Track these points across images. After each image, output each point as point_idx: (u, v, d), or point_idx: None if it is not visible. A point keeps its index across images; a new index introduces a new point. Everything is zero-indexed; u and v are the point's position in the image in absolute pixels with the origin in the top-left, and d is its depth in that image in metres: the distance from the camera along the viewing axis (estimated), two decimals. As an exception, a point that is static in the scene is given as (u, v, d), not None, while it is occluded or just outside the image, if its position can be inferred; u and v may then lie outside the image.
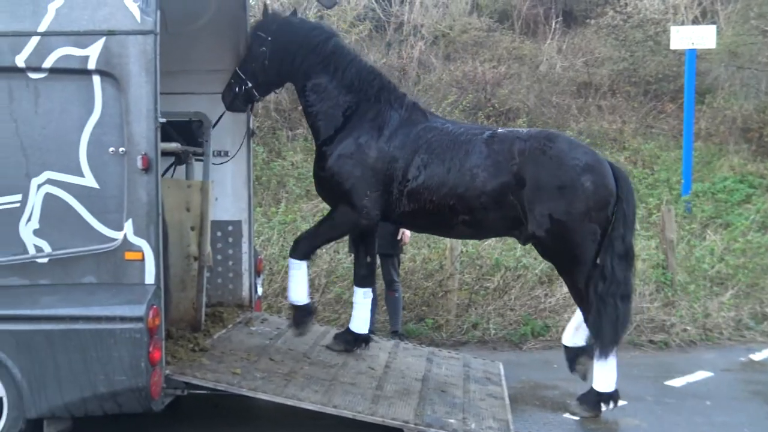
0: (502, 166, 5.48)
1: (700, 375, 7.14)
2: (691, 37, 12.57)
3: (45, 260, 4.93)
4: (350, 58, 5.96)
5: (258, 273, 7.07)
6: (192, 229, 6.08)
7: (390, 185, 5.69)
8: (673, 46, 12.96)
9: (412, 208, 5.70)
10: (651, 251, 9.67)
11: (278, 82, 6.13)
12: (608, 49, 17.26)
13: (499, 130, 5.76)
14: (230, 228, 6.93)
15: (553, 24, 18.26)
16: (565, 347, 6.12)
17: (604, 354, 5.57)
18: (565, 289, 8.81)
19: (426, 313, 8.57)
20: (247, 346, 5.98)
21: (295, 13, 6.14)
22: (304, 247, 6.05)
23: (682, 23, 16.00)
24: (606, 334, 5.56)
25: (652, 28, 16.92)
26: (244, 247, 6.92)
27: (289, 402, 5.05)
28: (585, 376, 5.96)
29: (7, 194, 4.95)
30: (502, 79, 16.22)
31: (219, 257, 6.91)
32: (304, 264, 6.04)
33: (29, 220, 4.94)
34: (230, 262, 6.96)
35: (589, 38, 17.97)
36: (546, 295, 8.88)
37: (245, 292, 6.97)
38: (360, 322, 6.37)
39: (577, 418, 5.89)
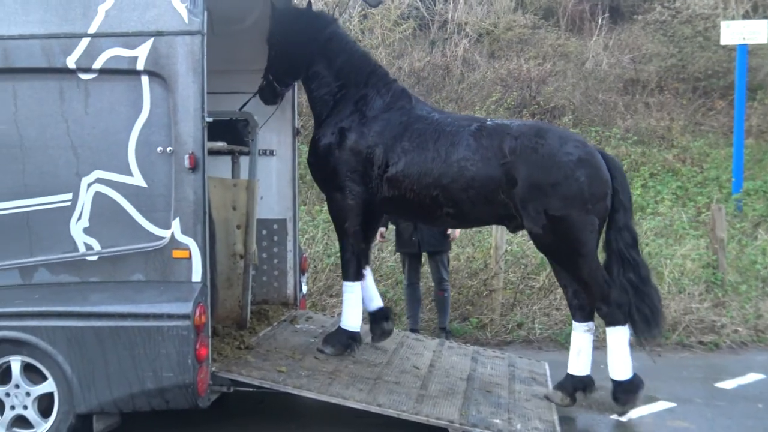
0: (492, 163, 5.40)
1: (752, 377, 6.97)
2: (742, 32, 12.29)
3: (95, 258, 5.02)
4: (344, 45, 6.05)
5: (303, 271, 7.10)
6: (238, 227, 6.14)
7: (370, 169, 5.70)
8: (723, 42, 12.68)
9: (392, 195, 5.68)
10: (701, 251, 9.49)
11: (292, 73, 6.17)
12: (656, 45, 16.98)
13: (488, 123, 5.64)
14: (275, 226, 6.98)
15: (600, 20, 18.02)
16: (569, 375, 5.89)
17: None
18: (612, 288, 8.76)
19: (470, 312, 8.53)
20: (292, 344, 6.02)
21: (310, 4, 6.14)
22: (344, 266, 6.07)
23: (733, 18, 15.67)
24: (642, 317, 5.62)
25: (701, 24, 16.60)
26: (289, 246, 6.97)
27: (334, 400, 5.06)
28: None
29: (58, 193, 5.05)
30: (547, 76, 16.07)
31: (264, 255, 6.96)
32: (355, 286, 6.03)
33: (79, 218, 5.03)
34: (275, 261, 7.01)
35: (636, 34, 17.71)
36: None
37: (290, 290, 7.01)
38: (368, 301, 6.39)
39: (624, 419, 5.81)
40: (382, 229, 7.22)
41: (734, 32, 12.33)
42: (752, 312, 8.47)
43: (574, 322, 5.83)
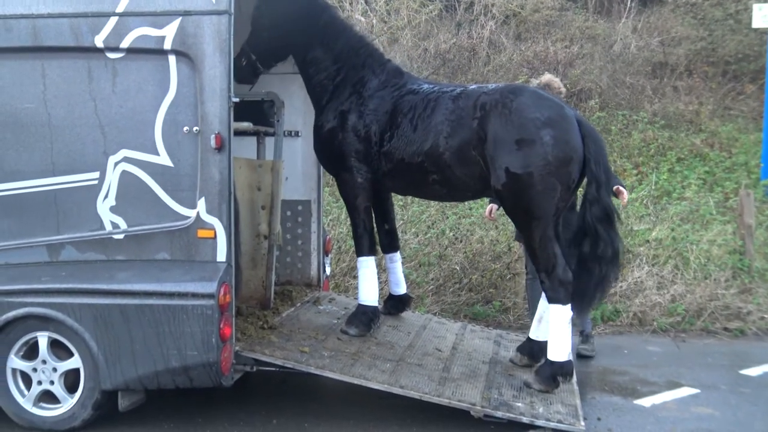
0: (464, 121, 5.37)
1: (778, 365, 6.90)
2: (775, 15, 12.10)
3: (121, 236, 5.06)
4: (341, 29, 6.08)
5: (326, 252, 7.13)
6: (262, 208, 6.15)
7: (369, 147, 5.77)
8: (755, 25, 12.47)
9: (389, 168, 5.74)
10: (728, 236, 9.38)
11: (280, 55, 6.19)
12: (685, 28, 16.72)
13: (470, 87, 5.62)
14: (300, 207, 7.00)
15: (629, 2, 17.78)
16: (528, 339, 5.91)
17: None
18: (637, 273, 8.71)
19: (493, 296, 8.51)
20: (315, 324, 6.04)
21: None
22: (357, 242, 6.14)
23: (765, 1, 15.39)
24: (586, 297, 5.40)
25: (732, 6, 16.31)
26: (313, 227, 6.99)
27: (356, 381, 5.08)
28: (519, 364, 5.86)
29: (85, 171, 5.09)
30: (574, 59, 15.89)
31: (288, 236, 6.99)
32: (369, 260, 6.10)
33: (106, 196, 5.07)
34: (299, 242, 7.03)
35: (665, 17, 17.44)
36: (616, 279, 8.70)
37: (314, 272, 7.05)
38: (394, 285, 6.60)
39: (648, 405, 5.78)
40: (493, 206, 6.85)
41: (767, 15, 12.12)
42: (779, 299, 8.38)
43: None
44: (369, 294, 6.11)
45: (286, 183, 6.83)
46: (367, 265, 6.11)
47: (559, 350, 5.34)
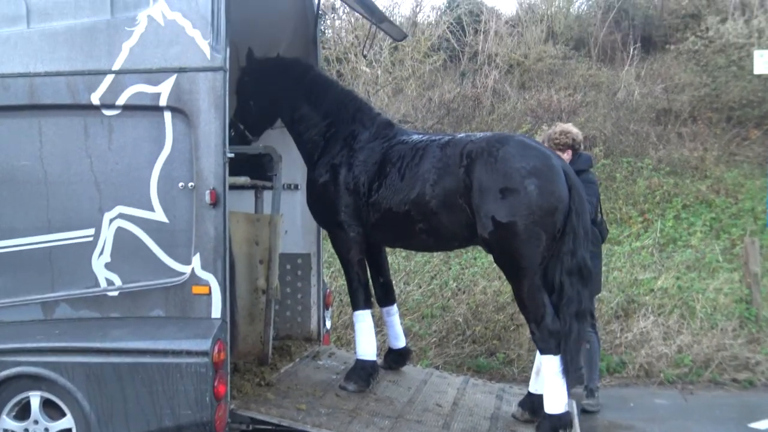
0: (451, 169, 5.35)
1: (788, 418, 6.76)
2: (776, 61, 12.15)
3: (115, 293, 5.02)
4: (328, 86, 6.20)
5: (327, 306, 7.06)
6: (260, 262, 6.11)
7: (358, 198, 5.77)
8: (756, 71, 12.55)
9: (376, 219, 5.71)
10: (734, 285, 9.29)
11: (268, 120, 6.36)
12: (689, 75, 16.82)
13: (459, 136, 5.62)
14: (299, 261, 6.96)
15: (631, 50, 17.92)
16: (529, 393, 5.76)
17: (565, 369, 5.19)
18: (643, 323, 8.60)
19: (497, 347, 8.41)
20: (313, 380, 5.95)
21: (277, 56, 6.29)
22: (352, 296, 6.11)
23: (767, 47, 15.46)
24: (568, 351, 5.20)
25: (735, 53, 16.39)
26: (313, 280, 6.94)
27: (353, 440, 4.98)
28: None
29: (81, 228, 5.07)
30: (578, 107, 15.99)
31: (288, 290, 6.94)
32: (365, 314, 6.05)
33: (101, 253, 5.04)
34: (299, 295, 6.98)
35: (668, 64, 17.57)
36: (622, 329, 8.61)
37: (313, 326, 6.98)
38: (393, 339, 6.53)
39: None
40: None
41: (768, 62, 12.18)
42: (788, 349, 8.25)
43: None
44: (367, 348, 6.03)
45: (286, 236, 6.81)
46: (363, 319, 6.04)
47: (556, 402, 5.20)
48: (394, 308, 6.53)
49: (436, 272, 9.96)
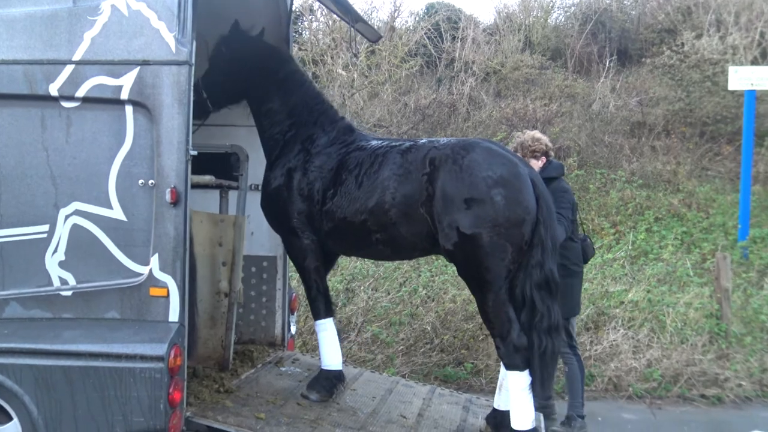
0: (413, 176, 5.12)
1: (756, 435, 6.70)
2: (751, 77, 12.19)
3: (69, 293, 4.80)
4: (300, 84, 5.93)
5: (292, 311, 6.88)
6: (223, 264, 5.91)
7: (312, 206, 5.55)
8: (731, 87, 12.56)
9: (330, 228, 5.49)
10: (704, 300, 9.25)
11: (232, 98, 6.06)
12: (663, 89, 16.90)
13: (421, 141, 5.38)
14: (265, 264, 6.78)
15: (607, 63, 17.99)
16: (493, 409, 5.66)
17: (532, 386, 5.01)
18: (612, 335, 8.52)
19: (465, 357, 8.28)
20: (275, 388, 5.77)
21: (262, 33, 6.00)
22: (312, 305, 5.90)
23: (741, 64, 15.55)
24: (531, 369, 5.00)
25: (710, 69, 16.50)
26: (278, 284, 6.76)
27: (313, 451, 4.81)
28: None
29: (34, 224, 4.85)
30: (553, 117, 15.97)
31: (252, 293, 6.76)
32: (327, 323, 5.84)
33: (55, 251, 4.82)
34: (264, 299, 6.79)
35: (644, 77, 17.65)
36: (591, 342, 8.52)
37: (278, 330, 6.79)
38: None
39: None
40: None
41: (742, 77, 12.22)
42: (757, 365, 8.22)
43: None
44: (331, 358, 5.84)
45: (252, 238, 6.63)
46: (325, 328, 5.84)
47: (522, 418, 5.03)
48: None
49: (406, 279, 9.82)
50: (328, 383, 5.73)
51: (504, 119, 15.85)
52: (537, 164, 6.44)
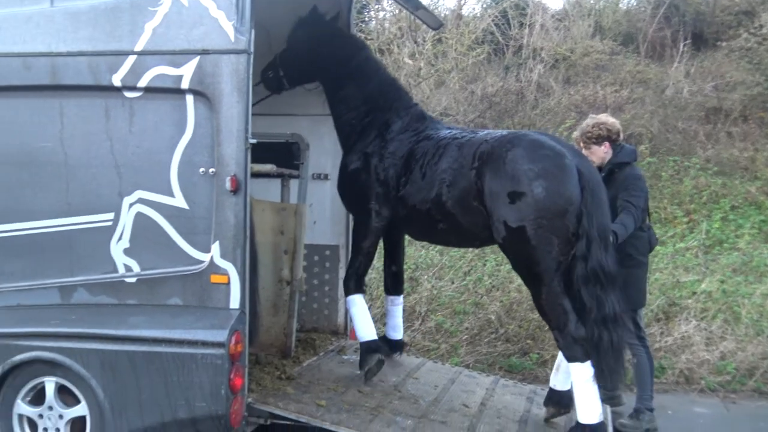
0: (464, 171, 5.15)
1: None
2: (834, 59, 11.66)
3: (133, 280, 4.90)
4: (375, 70, 6.01)
5: (355, 300, 6.88)
6: (285, 252, 5.95)
7: (389, 190, 5.63)
8: (813, 70, 12.03)
9: (404, 214, 5.58)
10: (777, 290, 8.90)
11: (307, 78, 6.20)
12: (741, 73, 16.26)
13: (479, 134, 5.37)
14: (327, 252, 6.82)
15: (681, 47, 17.42)
16: (550, 389, 5.58)
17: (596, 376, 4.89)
18: (684, 327, 8.28)
19: (531, 347, 8.15)
20: (336, 375, 5.78)
21: (337, 18, 6.08)
22: (348, 280, 5.97)
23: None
24: (599, 364, 4.86)
25: (789, 51, 15.83)
26: (341, 273, 6.76)
27: (372, 439, 4.79)
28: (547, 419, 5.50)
29: (100, 212, 4.96)
30: (624, 103, 15.57)
31: (315, 282, 6.79)
32: (357, 297, 5.91)
33: (120, 238, 4.92)
34: (326, 287, 6.83)
35: (720, 61, 17.03)
36: (662, 333, 8.29)
37: (340, 319, 6.83)
38: (390, 329, 6.41)
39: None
40: None
41: (824, 60, 11.69)
42: (838, 358, 7.86)
43: None
44: (365, 330, 5.86)
45: (314, 227, 6.66)
46: (354, 303, 5.90)
47: (589, 411, 4.92)
48: (400, 299, 6.41)
49: (471, 268, 9.73)
50: (368, 355, 5.77)
51: (573, 106, 15.53)
52: (600, 150, 6.26)
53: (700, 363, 7.79)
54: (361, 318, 5.89)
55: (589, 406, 4.92)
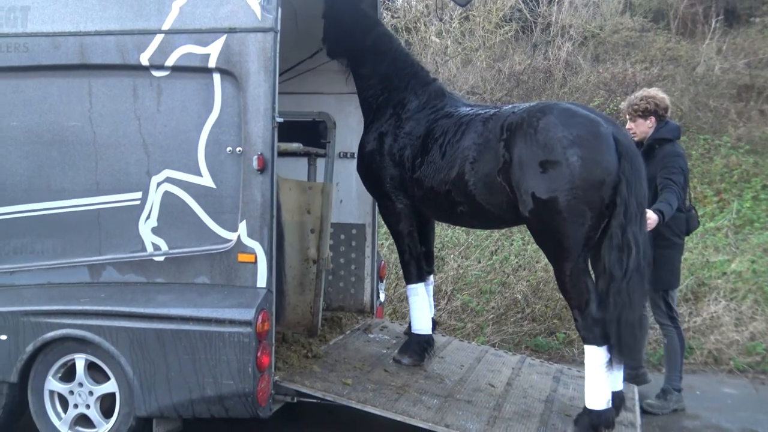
0: (491, 144, 4.94)
1: None
2: None
3: (161, 258, 4.93)
4: (389, 48, 5.89)
5: (381, 278, 6.90)
6: (312, 231, 5.97)
7: (404, 172, 5.53)
8: None
9: (421, 196, 5.46)
10: (814, 271, 8.77)
11: (339, 52, 6.12)
12: (774, 50, 15.97)
13: (504, 108, 5.15)
14: (354, 231, 6.81)
15: (713, 23, 17.08)
16: None
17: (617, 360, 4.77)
18: (713, 307, 8.19)
19: (557, 327, 8.12)
20: (362, 354, 5.80)
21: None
22: (405, 269, 5.94)
23: None
24: (619, 339, 4.68)
25: (825, 27, 15.50)
26: (367, 251, 6.79)
27: (398, 418, 4.79)
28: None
29: (129, 191, 4.99)
30: (654, 81, 15.31)
31: (342, 261, 6.80)
32: (418, 287, 5.87)
33: (148, 217, 4.96)
34: (353, 266, 6.83)
35: (753, 38, 16.69)
36: (690, 313, 8.21)
37: (367, 298, 6.83)
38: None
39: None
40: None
41: None
42: None
43: None
44: (422, 322, 5.85)
45: (341, 206, 6.66)
46: (416, 293, 5.86)
47: (598, 397, 4.82)
48: (431, 279, 6.35)
49: (497, 247, 9.69)
50: (419, 347, 5.76)
51: (602, 84, 15.33)
52: (645, 124, 6.20)
53: (729, 343, 7.72)
54: (420, 309, 5.87)
55: (598, 392, 4.82)
